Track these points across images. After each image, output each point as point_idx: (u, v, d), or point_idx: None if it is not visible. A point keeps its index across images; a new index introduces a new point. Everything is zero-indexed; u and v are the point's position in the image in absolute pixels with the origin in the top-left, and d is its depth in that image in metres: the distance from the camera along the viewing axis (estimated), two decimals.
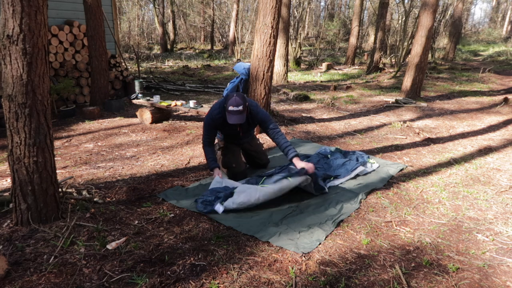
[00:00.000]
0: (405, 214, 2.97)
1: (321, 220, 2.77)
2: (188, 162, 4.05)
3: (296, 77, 11.32)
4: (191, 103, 5.31)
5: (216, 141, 3.81)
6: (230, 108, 3.06)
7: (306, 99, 7.86)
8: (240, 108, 3.05)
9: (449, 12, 17.42)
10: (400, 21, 14.33)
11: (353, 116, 6.47)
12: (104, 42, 6.49)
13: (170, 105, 5.40)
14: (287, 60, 10.11)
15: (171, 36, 20.42)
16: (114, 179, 3.53)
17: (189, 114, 6.30)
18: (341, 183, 3.47)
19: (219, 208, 2.86)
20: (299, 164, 3.12)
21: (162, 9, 19.77)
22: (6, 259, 2.11)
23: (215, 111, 3.27)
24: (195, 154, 4.30)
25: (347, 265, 2.28)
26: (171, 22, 20.41)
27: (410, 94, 7.96)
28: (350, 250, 2.44)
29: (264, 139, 4.83)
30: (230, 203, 2.88)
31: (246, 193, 2.90)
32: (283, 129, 5.46)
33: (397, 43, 13.34)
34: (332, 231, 2.65)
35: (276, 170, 3.67)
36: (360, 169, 3.66)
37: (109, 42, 7.49)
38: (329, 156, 3.96)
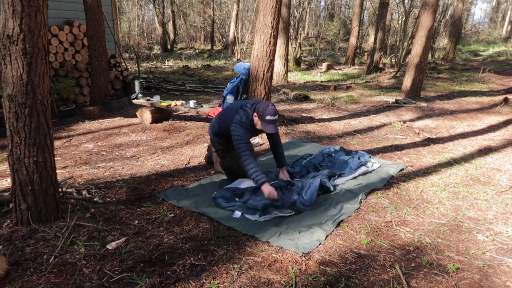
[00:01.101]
0: (405, 214, 2.97)
1: (321, 220, 2.78)
2: (188, 162, 4.05)
3: (296, 77, 11.32)
4: (191, 103, 5.30)
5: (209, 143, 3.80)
6: (268, 117, 3.02)
7: (306, 99, 7.86)
8: (276, 117, 3.08)
9: (449, 12, 17.43)
10: (400, 21, 14.33)
11: (353, 116, 6.47)
12: (104, 42, 6.49)
13: (170, 105, 5.40)
14: (287, 60, 10.11)
15: (171, 36, 20.42)
16: (114, 179, 3.53)
17: (189, 114, 6.30)
18: (342, 183, 3.49)
19: (237, 214, 2.88)
20: (283, 172, 3.41)
21: (162, 9, 19.76)
22: (6, 259, 2.11)
23: (245, 122, 3.15)
24: (195, 154, 4.30)
25: (347, 265, 2.28)
26: (171, 22, 20.41)
27: (410, 94, 7.96)
28: (350, 250, 2.44)
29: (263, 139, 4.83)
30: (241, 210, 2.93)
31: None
32: (283, 129, 5.46)
33: (397, 43, 13.34)
34: (332, 231, 2.66)
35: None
36: (363, 169, 3.70)
37: (109, 42, 7.49)
38: (333, 154, 3.99)
